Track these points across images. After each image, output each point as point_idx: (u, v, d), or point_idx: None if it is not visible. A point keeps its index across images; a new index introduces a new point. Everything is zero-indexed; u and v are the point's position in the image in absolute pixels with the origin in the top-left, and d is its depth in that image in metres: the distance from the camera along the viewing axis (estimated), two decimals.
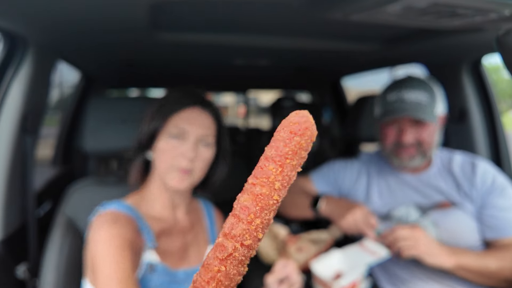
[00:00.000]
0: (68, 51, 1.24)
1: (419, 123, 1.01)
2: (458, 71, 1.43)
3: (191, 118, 0.74)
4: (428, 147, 1.02)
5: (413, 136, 1.00)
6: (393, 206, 1.09)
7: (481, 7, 0.65)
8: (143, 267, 0.70)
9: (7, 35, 0.92)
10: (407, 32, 1.12)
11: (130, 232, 0.68)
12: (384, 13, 0.71)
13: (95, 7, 0.76)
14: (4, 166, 0.94)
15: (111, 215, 0.70)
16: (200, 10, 0.92)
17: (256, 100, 8.14)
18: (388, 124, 1.05)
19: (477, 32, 0.94)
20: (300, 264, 1.08)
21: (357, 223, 0.98)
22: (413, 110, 0.97)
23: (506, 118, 23.71)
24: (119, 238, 0.65)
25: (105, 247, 0.64)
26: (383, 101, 1.07)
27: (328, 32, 1.15)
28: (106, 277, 0.62)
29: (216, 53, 1.37)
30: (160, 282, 0.71)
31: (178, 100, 0.75)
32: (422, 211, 1.05)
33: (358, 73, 2.14)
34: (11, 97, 0.95)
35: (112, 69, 1.80)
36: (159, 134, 0.74)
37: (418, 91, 1.00)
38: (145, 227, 0.74)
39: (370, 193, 1.15)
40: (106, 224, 0.67)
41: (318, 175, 1.25)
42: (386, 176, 1.15)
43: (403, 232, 0.92)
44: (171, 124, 0.73)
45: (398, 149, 1.03)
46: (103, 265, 0.63)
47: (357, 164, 1.23)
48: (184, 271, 0.79)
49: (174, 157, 0.73)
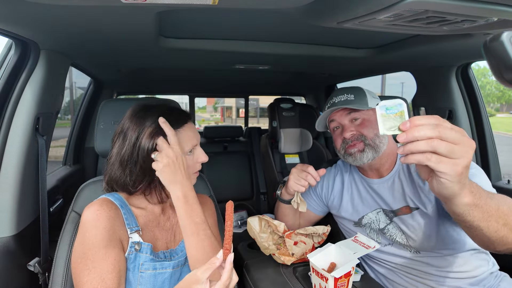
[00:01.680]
0: (78, 57, 1.24)
1: (356, 118, 1.02)
2: (447, 74, 1.43)
3: (187, 133, 0.83)
4: (373, 139, 1.00)
5: (353, 129, 1.02)
6: (365, 212, 1.09)
7: (470, 14, 0.65)
8: (130, 246, 0.76)
9: (19, 40, 0.93)
10: (398, 39, 1.12)
11: (112, 214, 0.76)
12: (375, 20, 0.71)
13: (104, 15, 0.76)
14: (17, 165, 0.94)
15: (101, 200, 0.78)
16: (203, 18, 0.92)
17: (257, 102, 8.15)
18: (334, 131, 1.09)
19: (466, 37, 0.94)
20: (298, 256, 1.08)
21: (295, 177, 1.05)
22: (342, 104, 1.02)
23: (495, 120, 23.56)
24: (102, 217, 0.74)
25: (88, 222, 0.73)
26: (324, 114, 1.12)
27: (323, 39, 1.16)
28: (88, 242, 0.70)
29: (218, 59, 1.37)
30: (148, 259, 0.77)
31: (176, 120, 0.81)
32: (389, 217, 1.03)
33: (352, 79, 2.14)
34: (24, 100, 0.96)
35: (120, 75, 1.80)
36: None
37: (345, 94, 1.05)
38: (129, 214, 0.80)
39: (343, 200, 1.15)
40: (95, 206, 0.75)
41: (304, 196, 1.25)
42: (357, 182, 1.13)
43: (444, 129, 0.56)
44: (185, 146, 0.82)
45: (347, 146, 1.03)
46: (86, 234, 0.72)
47: (333, 171, 1.23)
48: (163, 252, 0.82)
49: (194, 167, 0.84)
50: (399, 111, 0.57)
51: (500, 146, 1.52)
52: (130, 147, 0.76)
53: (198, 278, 0.59)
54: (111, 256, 0.71)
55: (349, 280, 0.87)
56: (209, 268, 0.60)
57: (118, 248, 0.73)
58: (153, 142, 0.76)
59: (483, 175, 0.94)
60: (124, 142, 0.77)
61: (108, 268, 0.69)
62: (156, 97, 2.64)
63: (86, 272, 0.68)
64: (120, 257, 0.72)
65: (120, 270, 0.72)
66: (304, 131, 2.04)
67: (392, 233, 1.02)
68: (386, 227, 1.03)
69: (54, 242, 0.90)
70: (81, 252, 0.70)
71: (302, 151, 2.08)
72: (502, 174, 1.47)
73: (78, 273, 0.69)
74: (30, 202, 1.01)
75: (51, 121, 1.10)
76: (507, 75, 0.46)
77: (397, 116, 0.58)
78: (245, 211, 2.28)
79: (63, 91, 1.19)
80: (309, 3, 0.69)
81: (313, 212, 1.24)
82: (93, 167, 2.13)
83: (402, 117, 0.57)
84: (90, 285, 0.67)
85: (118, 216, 0.77)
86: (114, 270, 0.70)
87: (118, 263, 0.72)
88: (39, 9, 0.69)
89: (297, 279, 0.99)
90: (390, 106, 0.58)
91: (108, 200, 0.79)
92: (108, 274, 0.69)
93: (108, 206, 0.76)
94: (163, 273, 0.78)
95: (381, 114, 0.59)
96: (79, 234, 0.73)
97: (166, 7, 0.70)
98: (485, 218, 0.63)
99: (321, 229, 1.12)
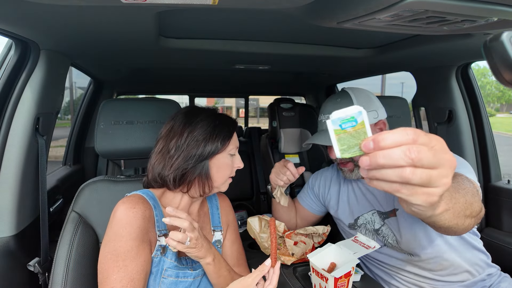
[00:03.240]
0: (78, 57, 1.24)
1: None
2: (447, 74, 1.43)
3: (234, 138, 0.86)
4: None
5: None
6: (361, 213, 1.09)
7: (470, 14, 0.65)
8: (157, 249, 0.76)
9: (19, 40, 0.93)
10: (398, 39, 1.12)
11: (147, 214, 0.75)
12: (375, 20, 0.71)
13: (104, 15, 0.76)
14: (17, 165, 0.94)
15: (136, 197, 0.78)
16: (203, 18, 0.92)
17: (257, 102, 8.16)
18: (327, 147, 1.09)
19: (466, 37, 0.94)
20: (298, 256, 1.08)
21: (276, 171, 1.08)
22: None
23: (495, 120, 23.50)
24: (138, 216, 0.73)
25: (123, 219, 0.71)
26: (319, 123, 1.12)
27: (323, 39, 1.16)
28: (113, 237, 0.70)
29: (218, 59, 1.37)
30: (172, 266, 0.77)
31: (229, 126, 0.85)
32: (382, 218, 1.04)
33: (352, 79, 2.14)
34: (24, 100, 0.96)
35: (120, 75, 1.80)
36: (218, 152, 0.81)
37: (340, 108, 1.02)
38: (160, 216, 0.79)
39: (340, 200, 1.15)
40: (130, 203, 0.74)
41: (301, 195, 1.29)
42: (353, 183, 1.14)
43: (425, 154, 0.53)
44: (231, 145, 0.83)
45: (339, 163, 1.08)
46: (120, 231, 0.71)
47: (330, 172, 1.24)
48: (185, 258, 0.82)
49: (232, 170, 0.85)
50: (358, 123, 0.42)
51: (500, 146, 1.51)
52: (182, 138, 0.78)
53: (249, 284, 0.67)
54: (142, 257, 0.70)
55: (349, 280, 0.87)
56: (259, 274, 0.69)
57: (148, 249, 0.73)
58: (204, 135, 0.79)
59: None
60: (175, 134, 0.79)
61: (138, 269, 0.69)
62: (156, 97, 2.64)
63: (116, 270, 0.68)
64: (149, 259, 0.73)
65: (147, 272, 0.72)
66: (304, 131, 2.04)
67: (385, 234, 1.03)
68: (380, 228, 1.04)
69: (54, 242, 0.90)
70: (113, 249, 0.69)
71: (302, 151, 2.08)
72: (502, 174, 1.47)
73: (107, 269, 0.68)
74: (30, 202, 1.01)
75: (51, 121, 1.10)
76: (507, 75, 0.46)
77: (356, 131, 0.42)
78: (245, 211, 2.28)
79: (63, 91, 1.19)
80: (309, 3, 0.69)
81: (310, 211, 1.24)
82: (93, 167, 2.12)
83: (363, 131, 0.42)
84: (120, 283, 0.67)
85: (151, 216, 0.77)
86: (143, 271, 0.70)
87: (148, 264, 0.72)
88: (39, 9, 0.69)
89: (297, 279, 0.99)
90: (345, 118, 0.42)
91: (143, 198, 0.78)
92: (138, 274, 0.69)
93: (144, 205, 0.76)
94: (184, 281, 0.78)
95: (334, 130, 0.43)
96: (111, 230, 0.71)
97: (166, 7, 0.70)
98: (455, 216, 0.58)
99: (321, 229, 1.12)
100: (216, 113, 0.86)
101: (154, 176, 0.80)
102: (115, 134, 1.01)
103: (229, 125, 0.84)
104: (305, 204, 1.25)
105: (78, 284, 0.83)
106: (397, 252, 1.02)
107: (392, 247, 1.02)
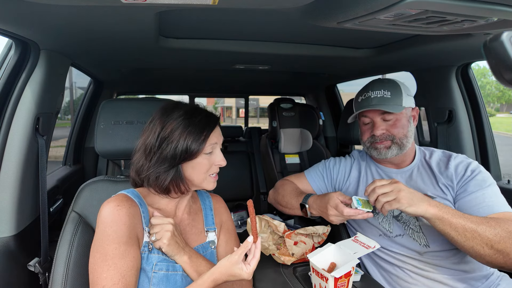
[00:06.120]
0: (78, 57, 1.24)
1: (388, 118, 1.06)
2: (447, 74, 1.43)
3: (216, 133, 0.83)
4: (401, 139, 1.05)
5: (384, 128, 1.06)
6: None
7: (470, 14, 0.65)
8: (144, 245, 0.77)
9: (19, 41, 0.93)
10: (398, 39, 1.12)
11: (132, 211, 0.76)
12: (375, 20, 0.71)
13: (104, 15, 0.76)
14: (17, 165, 0.94)
15: (120, 196, 0.78)
16: (203, 18, 0.92)
17: (257, 102, 8.15)
18: (363, 123, 1.12)
19: (466, 37, 0.94)
20: (298, 256, 1.08)
21: (336, 215, 1.01)
22: (378, 104, 1.05)
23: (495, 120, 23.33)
24: (123, 214, 0.74)
25: (109, 217, 0.73)
26: (355, 103, 1.16)
27: (323, 39, 1.16)
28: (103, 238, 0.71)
29: (218, 59, 1.37)
30: (160, 259, 0.77)
31: (207, 123, 0.81)
32: None
33: (352, 79, 2.14)
34: (24, 100, 0.96)
35: (120, 75, 1.80)
36: (191, 159, 0.80)
37: (382, 90, 1.07)
38: (146, 213, 0.80)
39: (359, 187, 1.18)
40: (114, 202, 0.75)
41: (312, 172, 1.29)
42: (373, 172, 1.17)
43: (383, 187, 0.89)
44: (207, 144, 0.80)
45: (374, 142, 1.09)
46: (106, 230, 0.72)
47: (349, 160, 1.27)
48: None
49: (209, 168, 0.82)
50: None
51: (500, 146, 1.51)
52: (155, 137, 0.78)
53: (236, 260, 0.71)
54: (130, 253, 0.71)
55: (349, 280, 0.87)
56: (244, 250, 0.73)
57: (136, 245, 0.73)
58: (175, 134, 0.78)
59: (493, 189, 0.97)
60: (150, 132, 0.79)
61: (128, 265, 0.70)
62: (156, 97, 2.64)
63: (106, 268, 0.68)
64: (138, 255, 0.73)
65: (138, 267, 0.73)
66: (304, 131, 2.04)
67: (406, 220, 1.04)
68: (400, 214, 1.05)
69: (54, 242, 0.89)
70: (100, 247, 0.70)
71: (302, 151, 2.08)
72: (502, 174, 1.47)
73: (96, 268, 0.69)
74: (30, 202, 1.01)
75: (51, 121, 1.10)
76: (507, 75, 0.46)
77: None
78: (245, 211, 2.28)
79: (63, 91, 1.19)
80: (309, 3, 0.69)
81: (314, 188, 1.26)
82: (93, 167, 2.12)
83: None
84: (111, 281, 0.67)
85: (137, 213, 0.77)
86: (134, 267, 0.71)
87: (137, 260, 0.72)
88: (39, 9, 0.69)
89: (297, 279, 0.99)
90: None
91: (127, 196, 0.79)
92: (128, 271, 0.69)
93: (128, 203, 0.76)
94: (174, 274, 0.78)
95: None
96: (98, 230, 0.73)
97: (166, 7, 0.70)
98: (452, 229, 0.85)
99: (321, 229, 1.12)
100: (190, 111, 0.81)
101: (134, 176, 0.82)
102: (115, 134, 1.01)
103: (204, 125, 0.80)
104: (311, 181, 1.27)
105: (78, 284, 0.83)
106: (414, 242, 1.02)
107: (413, 233, 1.03)
